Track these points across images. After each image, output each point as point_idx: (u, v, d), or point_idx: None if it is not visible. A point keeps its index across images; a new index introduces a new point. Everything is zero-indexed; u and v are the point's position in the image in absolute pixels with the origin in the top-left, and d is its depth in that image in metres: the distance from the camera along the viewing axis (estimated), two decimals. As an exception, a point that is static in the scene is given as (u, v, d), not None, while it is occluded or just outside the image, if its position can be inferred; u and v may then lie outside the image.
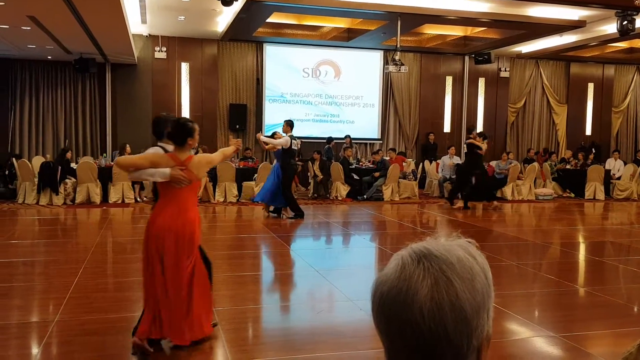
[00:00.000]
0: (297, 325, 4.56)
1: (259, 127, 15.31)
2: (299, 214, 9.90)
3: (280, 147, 9.59)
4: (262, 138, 9.88)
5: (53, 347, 3.97)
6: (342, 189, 12.83)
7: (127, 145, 12.59)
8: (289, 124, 9.75)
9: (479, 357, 0.82)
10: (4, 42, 11.39)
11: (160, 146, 4.02)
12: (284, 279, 6.07)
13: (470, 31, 14.63)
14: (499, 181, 13.50)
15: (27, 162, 11.74)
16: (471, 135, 11.68)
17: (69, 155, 11.64)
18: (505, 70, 16.95)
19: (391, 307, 0.80)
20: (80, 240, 8.34)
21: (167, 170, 3.72)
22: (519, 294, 5.43)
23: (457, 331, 0.77)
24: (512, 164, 13.59)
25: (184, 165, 3.77)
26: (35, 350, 3.92)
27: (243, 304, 5.03)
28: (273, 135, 10.11)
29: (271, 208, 10.17)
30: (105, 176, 11.68)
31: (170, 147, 3.93)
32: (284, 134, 9.80)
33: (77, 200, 11.33)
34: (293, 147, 9.74)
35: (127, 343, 4.11)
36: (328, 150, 13.91)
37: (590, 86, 17.92)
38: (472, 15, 11.70)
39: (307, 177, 13.69)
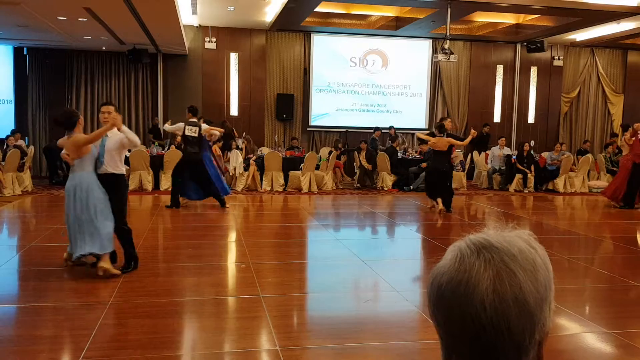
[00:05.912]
0: (342, 314, 4.59)
1: (305, 116, 15.37)
2: (175, 204, 9.49)
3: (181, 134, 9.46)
4: (165, 127, 10.18)
5: (107, 329, 4.12)
6: (388, 179, 12.78)
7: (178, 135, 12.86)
8: (190, 110, 9.57)
9: (540, 350, 0.80)
10: (61, 34, 11.78)
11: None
12: (330, 268, 6.10)
13: (522, 18, 14.26)
14: (551, 172, 13.21)
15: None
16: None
17: None
18: (559, 59, 16.45)
19: (450, 299, 0.77)
20: (132, 226, 8.52)
21: None
22: (569, 289, 5.30)
23: (520, 325, 0.75)
24: (565, 155, 13.24)
25: None
26: (90, 331, 4.08)
27: (289, 292, 5.09)
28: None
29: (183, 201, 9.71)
30: (157, 164, 11.99)
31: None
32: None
33: (130, 187, 11.64)
34: (187, 133, 9.32)
35: (177, 326, 4.23)
36: (372, 140, 13.84)
37: (649, 75, 17.23)
38: (524, 2, 11.40)
39: (352, 167, 13.66)
